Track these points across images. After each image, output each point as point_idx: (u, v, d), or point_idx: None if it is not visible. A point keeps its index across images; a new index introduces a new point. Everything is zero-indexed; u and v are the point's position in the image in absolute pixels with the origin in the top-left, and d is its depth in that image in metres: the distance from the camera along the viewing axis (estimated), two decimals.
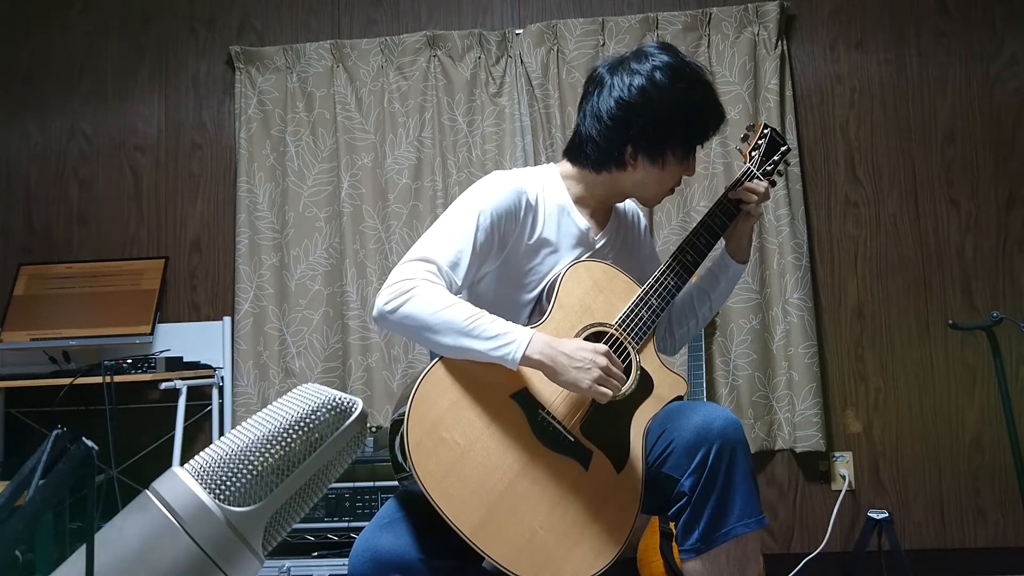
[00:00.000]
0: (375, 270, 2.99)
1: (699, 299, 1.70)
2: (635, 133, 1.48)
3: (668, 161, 1.51)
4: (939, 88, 2.96)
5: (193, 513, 0.88)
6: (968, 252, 2.89)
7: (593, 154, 1.53)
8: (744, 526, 1.31)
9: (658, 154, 1.50)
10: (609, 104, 1.49)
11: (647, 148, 1.50)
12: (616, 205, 1.69)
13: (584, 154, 1.55)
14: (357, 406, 0.98)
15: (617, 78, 1.49)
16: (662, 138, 1.49)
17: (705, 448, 1.31)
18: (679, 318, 1.72)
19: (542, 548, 1.29)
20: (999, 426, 2.77)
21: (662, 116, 1.46)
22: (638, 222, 1.74)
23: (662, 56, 1.48)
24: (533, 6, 3.13)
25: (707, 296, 1.69)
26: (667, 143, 1.49)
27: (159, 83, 3.24)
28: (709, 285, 1.69)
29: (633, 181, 1.55)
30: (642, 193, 1.58)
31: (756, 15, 2.94)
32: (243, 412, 2.95)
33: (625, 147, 1.50)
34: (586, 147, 1.54)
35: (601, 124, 1.50)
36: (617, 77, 1.49)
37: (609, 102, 1.49)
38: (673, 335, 1.73)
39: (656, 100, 1.46)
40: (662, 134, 1.48)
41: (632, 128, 1.48)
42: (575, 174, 1.59)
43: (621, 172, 1.53)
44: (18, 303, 3.00)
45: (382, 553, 1.28)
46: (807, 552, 2.79)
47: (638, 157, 1.51)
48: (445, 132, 3.01)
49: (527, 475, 1.32)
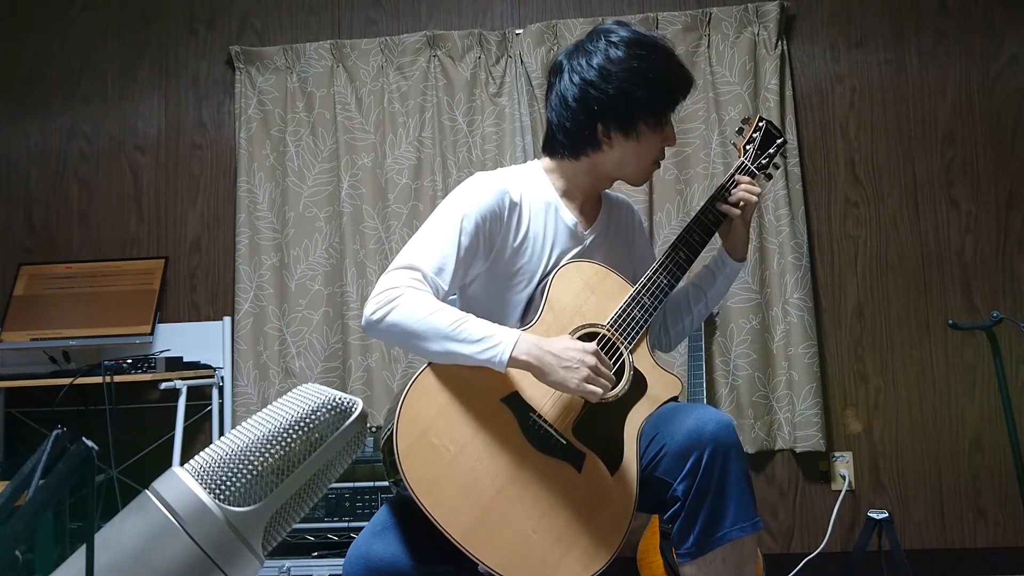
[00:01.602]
0: (375, 270, 2.98)
1: (695, 297, 1.69)
2: (602, 109, 1.47)
3: (641, 132, 1.50)
4: (939, 88, 2.95)
5: (193, 513, 0.88)
6: (968, 252, 2.89)
7: (566, 140, 1.53)
8: (739, 530, 1.30)
9: (630, 126, 1.49)
10: (572, 87, 1.49)
11: (617, 122, 1.49)
12: (608, 196, 1.68)
13: (558, 142, 1.55)
14: (357, 406, 0.97)
15: (575, 61, 1.50)
16: (629, 109, 1.48)
17: (697, 453, 1.29)
18: (674, 315, 1.71)
19: (535, 552, 1.28)
20: (999, 426, 2.77)
21: (624, 87, 1.46)
22: (631, 215, 1.73)
23: (617, 32, 1.49)
24: (533, 6, 3.12)
25: (703, 293, 1.68)
26: (635, 113, 1.48)
27: (159, 83, 3.24)
28: (705, 283, 1.67)
29: (613, 160, 1.53)
30: (625, 172, 1.56)
31: (756, 15, 2.94)
32: (243, 412, 2.95)
33: (595, 126, 1.49)
34: (559, 135, 1.54)
35: (568, 109, 1.50)
36: (575, 60, 1.50)
37: (571, 86, 1.49)
38: (668, 332, 1.72)
39: (615, 72, 1.45)
40: (628, 105, 1.47)
41: (598, 105, 1.47)
42: (555, 167, 1.58)
43: (598, 153, 1.52)
44: (18, 303, 3.00)
45: (376, 561, 1.28)
46: (807, 552, 2.79)
47: (611, 134, 1.50)
48: (445, 132, 3.01)
49: (518, 479, 1.31)
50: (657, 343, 1.74)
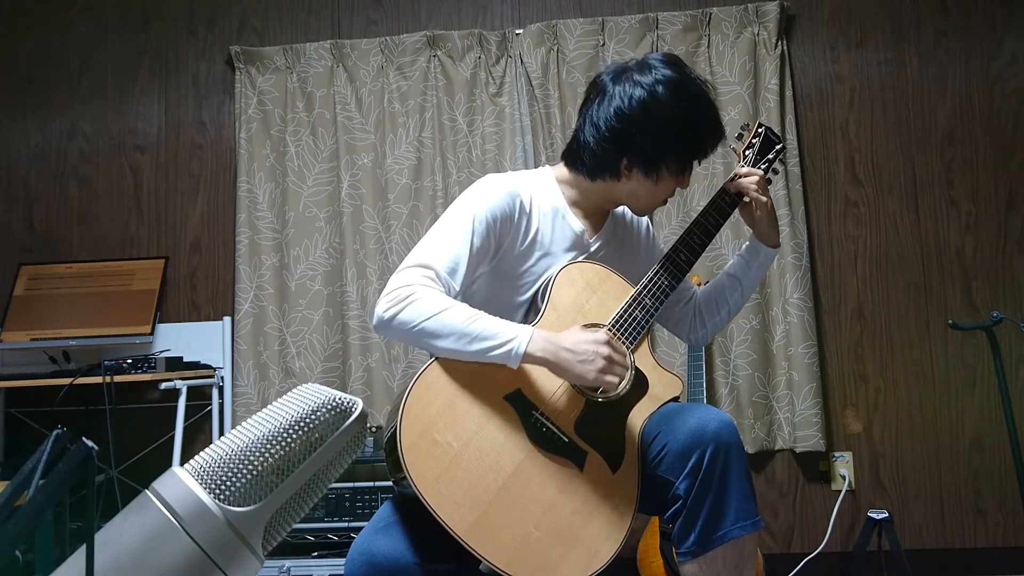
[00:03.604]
0: (375, 270, 2.99)
1: (731, 287, 1.70)
2: (631, 146, 1.48)
3: (663, 175, 1.52)
4: (939, 88, 2.95)
5: (193, 513, 0.88)
6: (968, 252, 2.89)
7: (589, 161, 1.54)
8: (740, 529, 1.31)
9: (653, 168, 1.51)
10: (608, 114, 1.49)
11: (642, 161, 1.50)
12: (614, 209, 1.69)
13: (580, 160, 1.56)
14: (357, 406, 0.98)
15: (619, 88, 1.49)
16: (658, 153, 1.49)
17: (699, 451, 1.30)
18: (710, 308, 1.72)
19: (537, 549, 1.29)
20: (999, 426, 2.77)
21: (660, 131, 1.47)
22: (638, 224, 1.74)
23: (666, 70, 1.48)
24: (533, 6, 3.12)
25: (738, 283, 1.69)
26: (663, 158, 1.50)
27: (159, 83, 3.24)
28: (740, 271, 1.69)
29: (626, 191, 1.55)
30: (634, 203, 1.59)
31: (756, 15, 2.94)
32: (243, 412, 2.95)
33: (621, 158, 1.50)
34: (583, 154, 1.54)
35: (599, 133, 1.50)
36: (619, 87, 1.49)
37: (608, 112, 1.49)
38: (705, 325, 1.73)
39: (655, 115, 1.46)
40: (659, 149, 1.48)
41: (629, 140, 1.48)
42: (570, 179, 1.60)
43: (615, 182, 1.54)
44: (18, 303, 3.00)
45: (378, 557, 1.28)
46: (807, 552, 2.79)
47: (633, 169, 1.51)
48: (445, 132, 3.01)
49: (521, 476, 1.32)
50: (693, 335, 1.76)
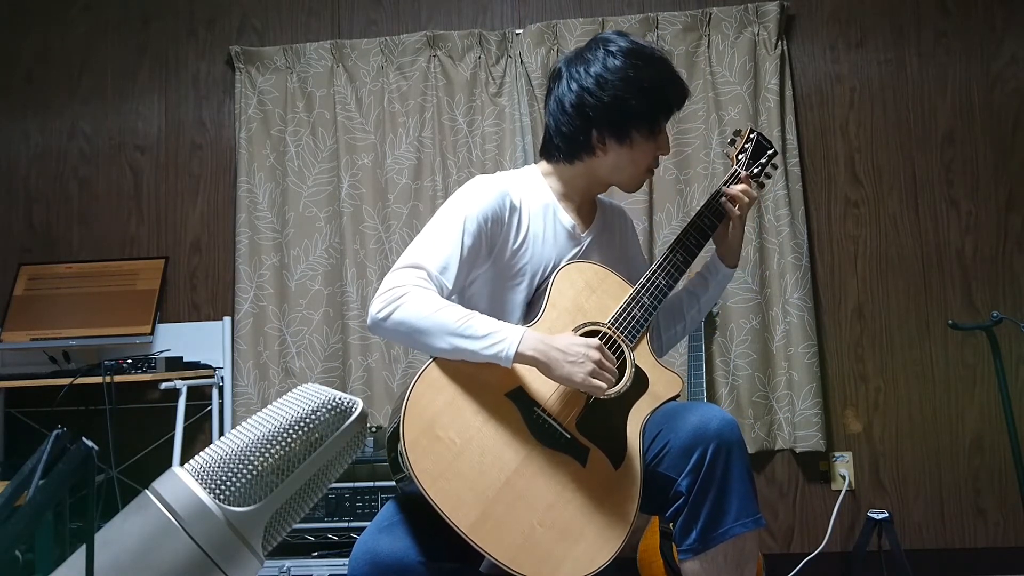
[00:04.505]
0: (375, 270, 2.99)
1: (688, 302, 1.73)
2: (597, 116, 1.51)
3: (635, 140, 1.54)
4: (939, 88, 2.95)
5: (193, 513, 0.88)
6: (968, 252, 2.89)
7: (562, 144, 1.57)
8: (741, 526, 1.31)
9: (623, 134, 1.53)
10: (568, 94, 1.53)
11: (611, 129, 1.53)
12: (602, 201, 1.72)
13: (555, 146, 1.59)
14: (357, 406, 0.98)
15: (574, 68, 1.54)
16: (624, 117, 1.51)
17: (701, 449, 1.31)
18: (668, 321, 1.74)
19: (541, 545, 1.29)
20: (999, 426, 2.77)
21: (619, 95, 1.49)
22: (624, 221, 1.77)
23: (615, 41, 1.53)
24: (533, 6, 3.12)
25: (696, 299, 1.72)
26: (629, 121, 1.52)
27: (159, 83, 3.24)
28: (699, 288, 1.72)
29: (606, 166, 1.57)
30: (619, 178, 1.60)
31: (756, 15, 2.94)
32: (243, 412, 2.95)
33: (590, 132, 1.53)
34: (555, 139, 1.58)
35: (564, 114, 1.55)
36: (574, 68, 1.54)
37: (568, 92, 1.54)
38: (660, 337, 1.75)
39: (612, 80, 1.50)
40: (624, 112, 1.51)
41: (593, 112, 1.51)
42: (552, 170, 1.62)
43: (593, 158, 1.56)
44: (18, 303, 3.00)
45: (382, 556, 1.28)
46: (807, 552, 2.79)
47: (605, 140, 1.54)
48: (445, 132, 3.01)
49: (524, 472, 1.33)
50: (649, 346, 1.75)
